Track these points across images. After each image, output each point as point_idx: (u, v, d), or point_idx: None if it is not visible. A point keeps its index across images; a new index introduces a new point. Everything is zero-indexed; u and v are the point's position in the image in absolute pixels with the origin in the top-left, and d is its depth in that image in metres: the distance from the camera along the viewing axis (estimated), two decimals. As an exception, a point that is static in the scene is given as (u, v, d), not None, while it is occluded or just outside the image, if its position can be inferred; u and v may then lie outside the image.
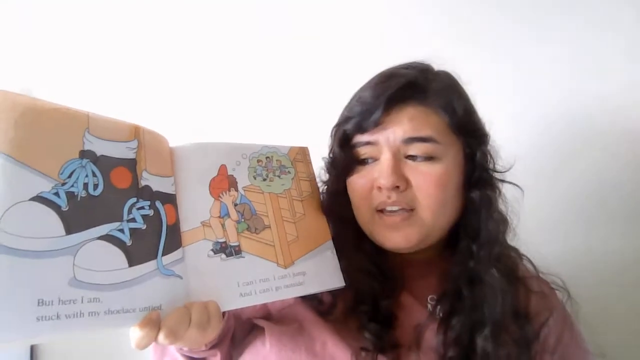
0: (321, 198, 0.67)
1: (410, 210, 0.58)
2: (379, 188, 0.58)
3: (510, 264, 0.62)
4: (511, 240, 0.64)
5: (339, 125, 0.64)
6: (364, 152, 0.61)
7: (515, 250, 0.65)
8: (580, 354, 0.63)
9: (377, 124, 0.58)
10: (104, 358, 0.89)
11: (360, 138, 0.60)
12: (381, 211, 0.60)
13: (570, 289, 0.64)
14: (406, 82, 0.58)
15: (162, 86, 1.02)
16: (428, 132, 0.57)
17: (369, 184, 0.60)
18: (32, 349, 1.06)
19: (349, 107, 0.63)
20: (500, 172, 0.64)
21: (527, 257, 0.66)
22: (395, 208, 0.58)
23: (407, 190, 0.58)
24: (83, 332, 0.40)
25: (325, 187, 0.68)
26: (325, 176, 0.68)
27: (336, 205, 0.65)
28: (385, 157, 0.58)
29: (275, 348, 0.58)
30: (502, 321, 0.56)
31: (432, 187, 0.57)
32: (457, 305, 0.59)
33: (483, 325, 0.57)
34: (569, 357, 0.61)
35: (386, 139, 0.58)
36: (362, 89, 0.62)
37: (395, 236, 0.59)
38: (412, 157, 0.58)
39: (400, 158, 0.58)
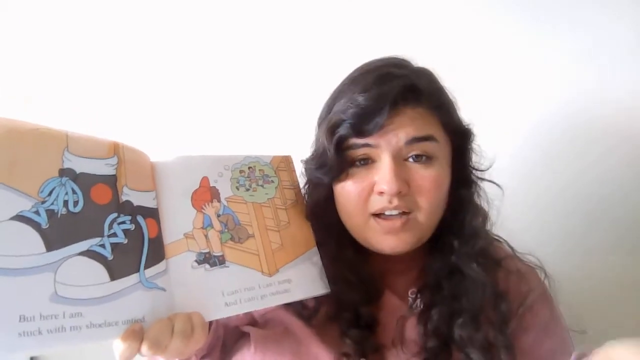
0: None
1: (408, 213, 0.57)
2: (381, 193, 0.56)
3: (489, 249, 0.62)
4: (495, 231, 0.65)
5: (333, 127, 0.58)
6: (359, 153, 0.58)
7: (493, 234, 0.66)
8: (558, 330, 0.63)
9: (381, 127, 0.55)
10: (102, 358, 0.89)
11: (357, 140, 0.57)
12: (378, 215, 0.58)
13: (569, 288, 0.64)
14: (405, 84, 0.57)
15: (147, 100, 1.04)
16: (429, 131, 0.57)
17: (366, 188, 0.57)
18: None
19: (340, 108, 0.58)
20: (481, 171, 0.65)
21: (504, 239, 0.67)
22: (394, 212, 0.57)
23: (407, 194, 0.57)
24: (66, 346, 0.40)
25: (306, 193, 0.67)
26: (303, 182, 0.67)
27: (321, 212, 0.63)
28: (386, 162, 0.56)
29: (260, 351, 0.58)
30: (480, 310, 0.57)
31: (431, 189, 0.57)
32: (436, 297, 0.60)
33: (460, 314, 0.57)
34: (547, 333, 0.61)
35: (387, 142, 0.56)
36: (352, 89, 0.59)
37: (392, 240, 0.58)
38: (410, 159, 0.57)
39: (400, 162, 0.57)
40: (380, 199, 0.57)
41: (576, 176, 0.88)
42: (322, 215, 0.63)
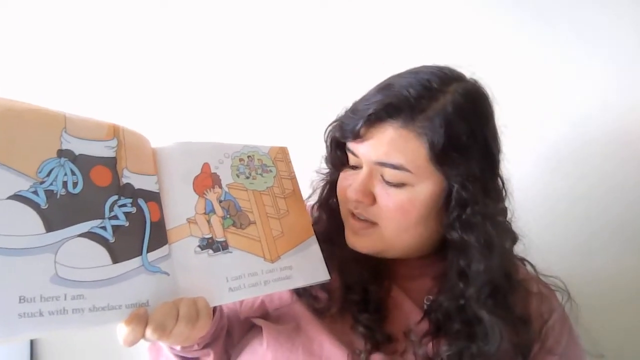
0: (321, 192, 0.70)
1: (373, 223, 0.59)
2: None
3: (509, 270, 0.59)
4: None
5: (332, 126, 0.63)
6: (352, 159, 0.60)
7: (516, 256, 0.64)
8: (578, 354, 0.62)
9: (357, 137, 0.56)
10: (102, 356, 0.86)
11: (349, 145, 0.59)
12: (353, 213, 0.61)
13: (570, 291, 0.63)
14: (391, 102, 0.54)
15: (149, 88, 1.03)
16: (400, 160, 0.54)
17: (347, 187, 0.60)
18: (32, 347, 1.06)
19: (347, 110, 0.60)
20: (493, 214, 0.57)
21: (527, 260, 0.66)
22: (361, 217, 0.60)
23: (372, 206, 0.58)
24: (68, 330, 0.39)
25: (326, 180, 0.70)
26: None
27: (331, 197, 0.67)
28: (362, 172, 0.58)
29: (272, 347, 0.57)
30: (495, 354, 0.54)
31: (392, 210, 0.56)
32: (448, 327, 0.57)
33: (472, 357, 0.55)
34: (567, 358, 0.60)
35: (363, 155, 0.57)
36: (367, 93, 0.59)
37: (354, 240, 0.61)
38: (384, 177, 0.57)
39: (375, 175, 0.57)
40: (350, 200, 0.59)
41: (576, 177, 0.88)
42: (333, 201, 0.66)
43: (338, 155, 0.63)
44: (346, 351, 0.56)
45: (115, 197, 0.46)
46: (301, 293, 0.62)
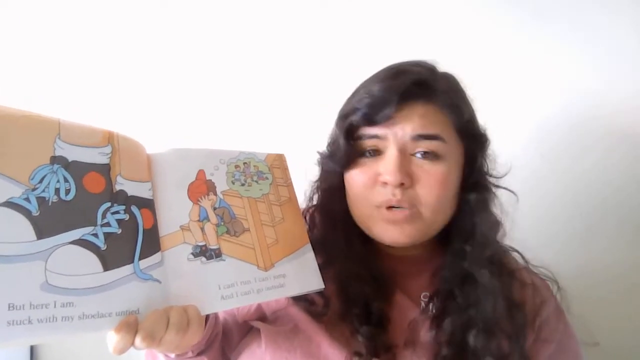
0: (315, 199, 0.69)
1: (412, 207, 0.57)
2: (384, 184, 0.57)
3: (501, 258, 0.62)
4: (505, 240, 0.64)
5: (345, 116, 0.62)
6: (368, 144, 0.59)
7: (505, 245, 0.66)
8: (573, 343, 0.64)
9: (388, 118, 0.57)
10: (102, 357, 0.86)
11: (367, 130, 0.59)
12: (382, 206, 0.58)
13: (569, 290, 0.64)
14: (417, 79, 0.58)
15: (146, 92, 1.04)
16: (436, 130, 0.57)
17: (371, 178, 0.59)
18: (32, 350, 1.06)
19: (356, 98, 0.61)
20: (497, 178, 0.64)
21: (516, 250, 0.67)
22: (397, 205, 0.57)
23: (410, 188, 0.57)
24: (58, 337, 0.39)
25: (317, 185, 0.68)
26: (315, 175, 0.69)
27: (331, 202, 0.65)
28: (392, 153, 0.57)
29: (270, 349, 0.57)
30: (494, 319, 0.56)
31: (434, 186, 0.57)
32: (449, 305, 0.59)
33: (474, 324, 0.57)
34: (564, 346, 0.62)
35: (394, 134, 0.57)
36: (370, 82, 0.61)
37: (395, 231, 0.58)
38: (417, 155, 0.57)
39: (406, 155, 0.57)
40: (384, 191, 0.57)
41: (576, 177, 0.88)
42: (332, 207, 0.64)
43: (352, 145, 0.61)
44: (344, 353, 0.56)
45: (108, 204, 0.46)
46: (297, 297, 0.61)
